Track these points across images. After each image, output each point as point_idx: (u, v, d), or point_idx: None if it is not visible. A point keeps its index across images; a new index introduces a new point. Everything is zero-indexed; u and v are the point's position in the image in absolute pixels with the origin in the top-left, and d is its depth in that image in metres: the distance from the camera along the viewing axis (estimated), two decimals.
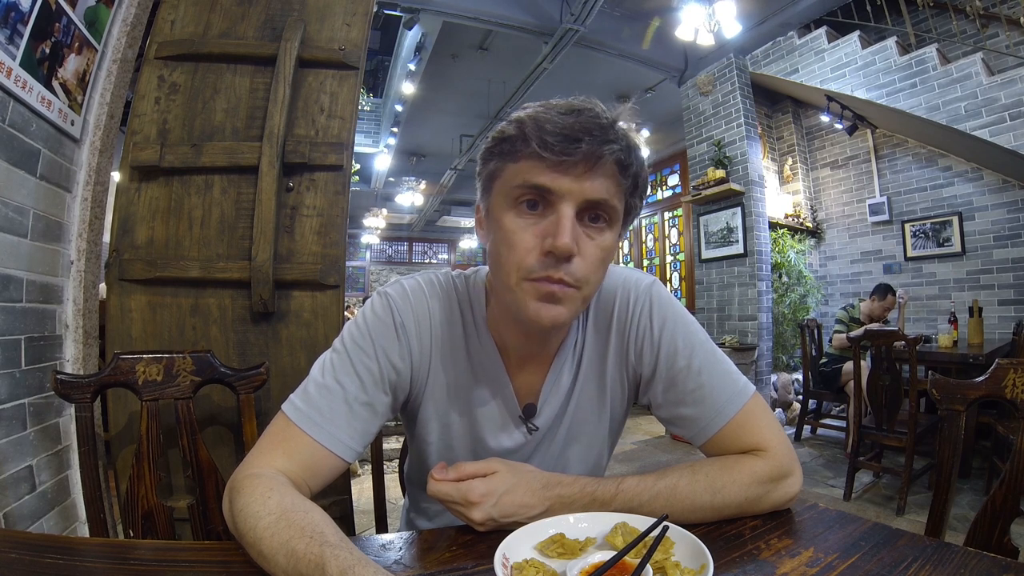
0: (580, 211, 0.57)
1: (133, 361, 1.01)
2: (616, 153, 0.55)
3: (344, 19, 1.45)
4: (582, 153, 0.54)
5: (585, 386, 0.72)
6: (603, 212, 0.58)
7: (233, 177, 1.32)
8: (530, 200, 0.57)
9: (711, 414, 0.67)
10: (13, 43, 1.10)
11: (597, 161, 0.55)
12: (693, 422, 0.68)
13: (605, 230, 0.59)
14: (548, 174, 0.55)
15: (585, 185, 0.55)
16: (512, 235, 0.57)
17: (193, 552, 0.61)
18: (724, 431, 0.67)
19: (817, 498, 2.81)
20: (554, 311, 0.58)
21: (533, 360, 0.70)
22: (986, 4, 3.73)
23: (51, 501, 1.25)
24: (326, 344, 1.29)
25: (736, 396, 0.68)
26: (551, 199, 0.56)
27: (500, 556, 0.50)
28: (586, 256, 0.57)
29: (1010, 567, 0.50)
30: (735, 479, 0.63)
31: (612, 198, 0.57)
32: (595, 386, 0.72)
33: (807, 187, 5.20)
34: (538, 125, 0.54)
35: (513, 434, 0.71)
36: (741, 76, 4.41)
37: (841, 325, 3.76)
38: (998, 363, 0.85)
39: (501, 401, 0.70)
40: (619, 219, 0.60)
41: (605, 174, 0.56)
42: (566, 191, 0.55)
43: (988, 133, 3.23)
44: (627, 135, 0.57)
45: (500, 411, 0.71)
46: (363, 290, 12.77)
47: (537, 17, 4.17)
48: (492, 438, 0.71)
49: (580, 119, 0.54)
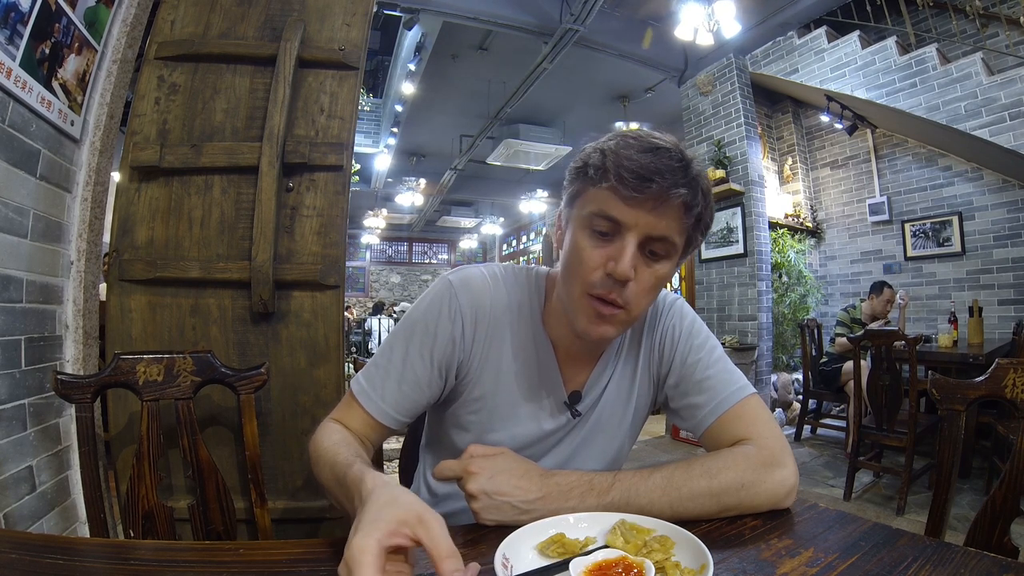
0: (642, 242, 0.63)
1: (133, 361, 1.01)
2: (683, 196, 0.61)
3: (344, 19, 1.45)
4: (652, 192, 0.60)
5: (620, 382, 0.79)
6: (663, 246, 0.64)
7: (233, 177, 1.33)
8: (604, 227, 0.64)
9: (713, 403, 0.73)
10: (13, 43, 1.10)
11: (665, 201, 0.61)
12: (697, 410, 0.74)
13: (662, 260, 0.66)
14: (620, 207, 0.62)
15: (651, 221, 0.62)
16: (583, 252, 0.65)
17: (193, 552, 0.62)
18: (722, 419, 0.72)
19: (817, 498, 2.81)
20: (602, 329, 0.66)
21: (583, 358, 0.77)
22: (986, 4, 3.73)
23: (51, 501, 1.25)
24: (326, 344, 1.31)
25: (737, 391, 0.74)
26: (619, 228, 0.63)
27: (500, 556, 0.50)
28: (640, 282, 0.65)
29: (1010, 567, 0.50)
30: (729, 463, 0.66)
31: (673, 235, 0.64)
32: (627, 383, 0.80)
33: (807, 187, 5.20)
34: (619, 160, 0.61)
35: (557, 418, 0.77)
36: (741, 76, 4.41)
37: (842, 327, 3.76)
38: (998, 363, 0.85)
39: (549, 387, 0.76)
40: (678, 252, 0.67)
41: (670, 213, 0.62)
42: (633, 224, 0.62)
43: (988, 133, 3.22)
44: (698, 178, 0.63)
45: (547, 396, 0.76)
46: (363, 290, 12.78)
47: (537, 17, 4.17)
48: (535, 421, 0.76)
49: (656, 159, 0.61)
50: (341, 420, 0.74)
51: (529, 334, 0.75)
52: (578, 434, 0.78)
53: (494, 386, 0.75)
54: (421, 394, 0.73)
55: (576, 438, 0.79)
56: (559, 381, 0.76)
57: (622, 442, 0.82)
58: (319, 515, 1.26)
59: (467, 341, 0.73)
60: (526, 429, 0.75)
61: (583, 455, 0.79)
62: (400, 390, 0.72)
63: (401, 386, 0.72)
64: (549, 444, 0.77)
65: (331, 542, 0.57)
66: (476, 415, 0.76)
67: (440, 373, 0.73)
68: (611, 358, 0.78)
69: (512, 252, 12.42)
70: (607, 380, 0.78)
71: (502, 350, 0.74)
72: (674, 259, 0.67)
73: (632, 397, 0.80)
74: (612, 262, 0.63)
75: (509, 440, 0.75)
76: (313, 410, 1.28)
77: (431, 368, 0.72)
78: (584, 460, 0.78)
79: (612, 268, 0.62)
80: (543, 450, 0.78)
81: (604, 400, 0.78)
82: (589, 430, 0.79)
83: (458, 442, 0.78)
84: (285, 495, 1.27)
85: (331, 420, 0.74)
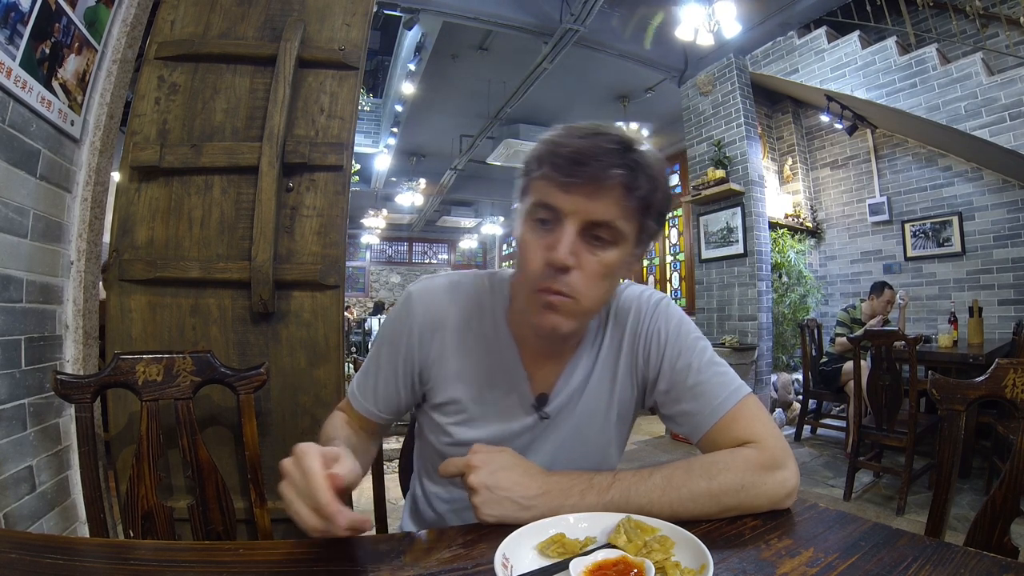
0: (584, 229, 0.62)
1: (133, 361, 1.01)
2: (621, 177, 0.59)
3: (344, 19, 1.45)
4: (587, 175, 0.59)
5: (599, 385, 0.76)
6: (607, 232, 0.62)
7: (233, 177, 1.32)
8: (543, 217, 0.63)
9: (708, 408, 0.71)
10: (13, 43, 1.10)
11: (602, 184, 0.60)
12: (692, 416, 0.72)
13: (609, 247, 0.63)
14: (556, 193, 0.61)
15: (589, 205, 0.60)
16: (526, 247, 0.65)
17: (193, 552, 0.62)
18: (719, 424, 0.70)
19: (817, 498, 2.81)
20: (553, 319, 0.64)
21: (551, 357, 0.75)
22: (986, 4, 3.73)
23: (51, 501, 1.24)
24: (326, 344, 1.31)
25: (732, 394, 0.71)
26: (558, 215, 0.62)
27: (500, 556, 0.50)
28: (586, 270, 0.62)
29: (1010, 567, 0.50)
30: (729, 465, 0.65)
31: (617, 220, 0.62)
32: (607, 387, 0.77)
33: (807, 187, 5.20)
34: (554, 147, 0.61)
35: (523, 420, 0.75)
36: (741, 76, 4.41)
37: (842, 327, 3.76)
38: (998, 363, 0.85)
39: (515, 389, 0.75)
40: (627, 239, 0.64)
41: (609, 197, 0.60)
42: (571, 210, 0.61)
43: (988, 133, 3.22)
44: (641, 160, 0.61)
45: (513, 398, 0.75)
46: (363, 290, 12.78)
47: (537, 17, 4.17)
48: (503, 422, 0.75)
49: (592, 142, 0.60)
50: (344, 409, 0.83)
51: (494, 337, 0.75)
52: (553, 436, 0.76)
53: (461, 390, 0.75)
54: (397, 397, 0.78)
55: (552, 441, 0.76)
56: (525, 383, 0.75)
57: (606, 446, 0.79)
58: None
59: (425, 349, 0.75)
60: (495, 431, 0.75)
61: (563, 458, 0.75)
62: (378, 393, 0.78)
63: (378, 390, 0.78)
64: (520, 445, 0.75)
65: (331, 542, 0.57)
66: (447, 417, 0.77)
67: (407, 380, 0.77)
68: (582, 359, 0.76)
69: (512, 252, 12.42)
70: (581, 382, 0.76)
71: (466, 355, 0.75)
72: (624, 246, 0.64)
73: (613, 401, 0.77)
74: (551, 251, 0.61)
75: (482, 440, 0.73)
76: (313, 410, 1.28)
77: (398, 376, 0.77)
78: (565, 463, 0.74)
79: (549, 256, 0.61)
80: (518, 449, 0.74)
81: (582, 403, 0.76)
82: (567, 434, 0.76)
83: (436, 443, 0.79)
84: None
85: (337, 409, 0.84)
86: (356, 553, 0.58)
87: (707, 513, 0.63)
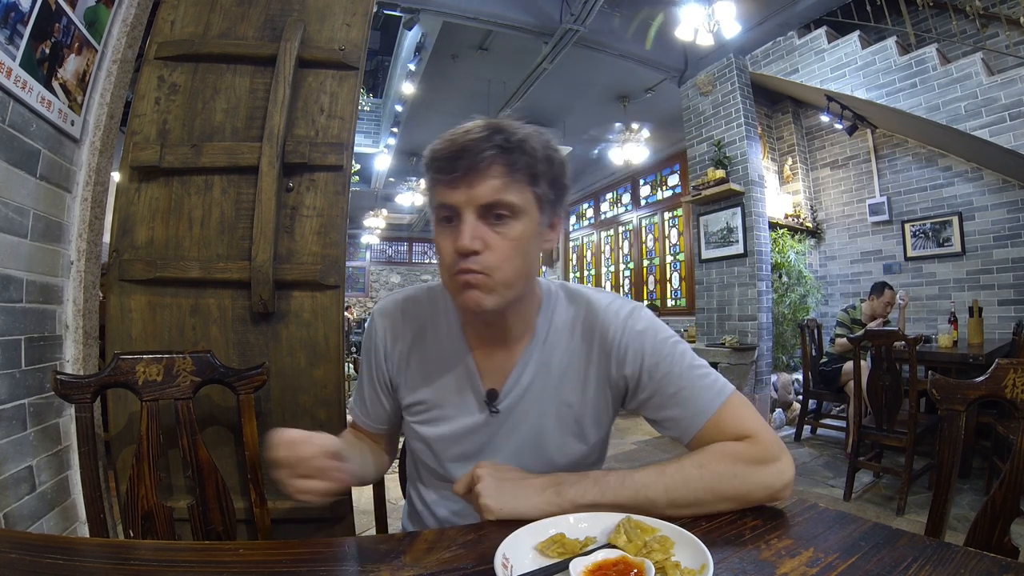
0: (481, 213, 0.67)
1: (133, 361, 1.01)
2: (495, 157, 0.64)
3: (344, 19, 1.44)
4: (465, 167, 0.64)
5: (558, 388, 0.78)
6: (502, 209, 0.67)
7: (233, 177, 1.32)
8: (446, 215, 0.69)
9: (693, 413, 0.72)
10: (13, 43, 1.10)
11: (477, 170, 0.64)
12: (678, 422, 0.73)
13: (510, 222, 0.67)
14: (447, 192, 0.67)
15: (474, 193, 0.65)
16: (439, 245, 0.70)
17: (193, 552, 0.62)
18: (707, 427, 0.72)
19: (817, 498, 2.81)
20: (473, 295, 0.68)
21: (498, 348, 0.79)
22: (986, 4, 3.73)
23: (51, 501, 1.24)
24: (326, 344, 1.31)
25: (716, 395, 0.73)
26: (456, 211, 0.67)
27: (500, 556, 0.50)
28: (495, 248, 0.67)
29: (1010, 567, 0.50)
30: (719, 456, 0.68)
31: (507, 195, 0.66)
32: (575, 391, 0.78)
33: (807, 187, 5.20)
34: (433, 155, 0.68)
35: (475, 415, 0.79)
36: (741, 76, 4.41)
37: (842, 328, 3.76)
38: (998, 363, 0.85)
39: (469, 385, 0.80)
40: (526, 210, 0.68)
41: (491, 178, 0.65)
42: (463, 201, 0.66)
43: (988, 133, 3.22)
44: (514, 138, 0.65)
45: (468, 395, 0.80)
46: (363, 290, 12.77)
47: (537, 17, 4.17)
48: (460, 417, 0.79)
49: (464, 137, 0.65)
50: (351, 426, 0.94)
51: (448, 340, 0.81)
52: (514, 437, 0.78)
53: (423, 391, 0.81)
54: (382, 407, 0.87)
55: (513, 440, 0.78)
56: (477, 379, 0.79)
57: (583, 449, 0.80)
58: (319, 515, 1.26)
59: (391, 360, 0.83)
60: (454, 426, 0.80)
61: (527, 458, 0.76)
62: (367, 407, 0.89)
63: (366, 404, 0.89)
64: (479, 441, 0.79)
65: (331, 542, 0.57)
66: (414, 417, 0.83)
67: (384, 390, 0.86)
68: (533, 358, 0.78)
69: None
70: (531, 381, 0.78)
71: (425, 359, 0.81)
72: (525, 218, 0.68)
73: (585, 407, 0.78)
74: (457, 239, 0.66)
75: (443, 437, 0.80)
76: (313, 410, 1.28)
77: (376, 388, 0.86)
78: (531, 462, 0.75)
79: (458, 245, 0.66)
80: (476, 446, 0.79)
81: (538, 403, 0.78)
82: (527, 435, 0.78)
83: (413, 446, 0.86)
84: (285, 495, 1.27)
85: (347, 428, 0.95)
86: (356, 553, 0.58)
87: (703, 500, 0.65)
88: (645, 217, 7.50)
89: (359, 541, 0.60)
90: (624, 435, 4.40)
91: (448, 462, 0.81)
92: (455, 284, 0.69)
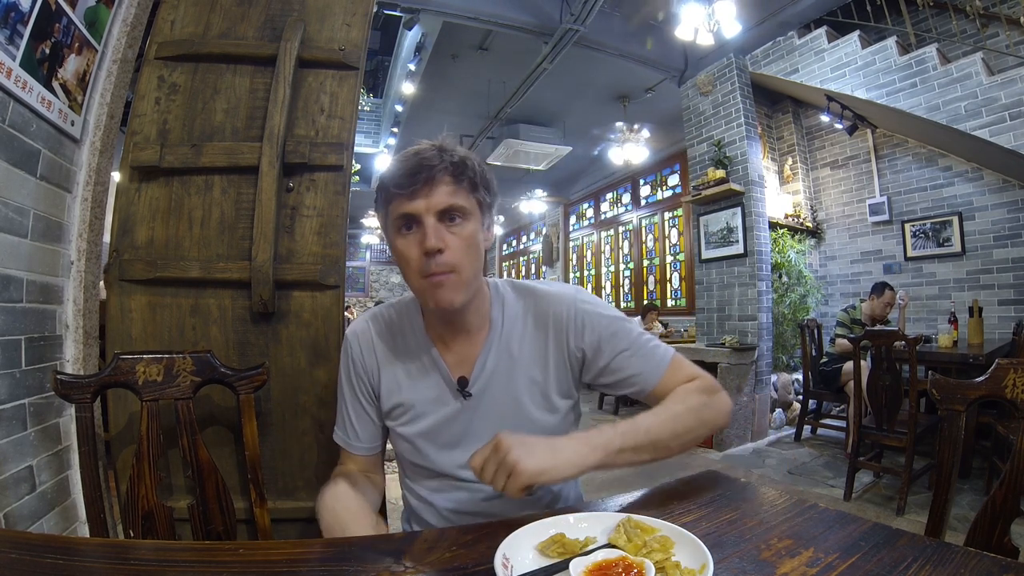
0: (439, 217, 0.78)
1: (133, 361, 1.01)
2: (445, 170, 0.78)
3: (344, 19, 1.44)
4: (422, 180, 0.77)
5: (525, 366, 0.89)
6: (455, 212, 0.79)
7: (233, 177, 1.32)
8: (406, 224, 0.80)
9: (653, 367, 0.87)
10: (13, 43, 1.10)
11: (433, 181, 0.77)
12: (640, 375, 0.87)
13: (463, 223, 0.80)
14: (408, 203, 0.78)
15: (432, 200, 0.78)
16: (404, 251, 0.80)
17: (193, 552, 0.62)
18: (665, 376, 0.87)
19: (817, 498, 2.81)
20: (445, 294, 0.79)
21: (460, 341, 0.89)
22: (986, 4, 3.73)
23: (51, 501, 1.24)
24: (326, 344, 1.31)
25: (665, 353, 0.89)
26: (416, 218, 0.79)
27: (500, 556, 0.50)
28: (453, 247, 0.79)
29: (1010, 567, 0.50)
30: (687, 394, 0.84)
31: (457, 200, 0.79)
32: (537, 366, 0.89)
33: (807, 187, 5.20)
34: (392, 177, 0.79)
35: (451, 404, 0.88)
36: (741, 76, 4.41)
37: (842, 328, 3.76)
38: (998, 363, 0.85)
39: (440, 379, 0.89)
40: (475, 211, 0.82)
41: (444, 186, 0.78)
42: (423, 209, 0.78)
43: (988, 133, 3.22)
44: (455, 156, 0.79)
45: (441, 388, 0.89)
46: (363, 290, 12.78)
47: (537, 17, 4.17)
48: (437, 408, 0.88)
49: (417, 159, 0.78)
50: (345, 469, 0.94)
51: (414, 344, 0.91)
52: (487, 416, 0.87)
53: (400, 394, 0.90)
54: (370, 422, 0.94)
55: (488, 420, 0.87)
56: (447, 371, 0.88)
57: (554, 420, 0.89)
58: None
59: (370, 371, 0.92)
60: (433, 419, 0.88)
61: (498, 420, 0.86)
62: (355, 428, 0.94)
63: (354, 425, 0.94)
64: (458, 429, 0.88)
65: (331, 542, 0.57)
66: (398, 420, 0.90)
67: (369, 403, 0.93)
68: (493, 347, 0.88)
69: (512, 252, 12.41)
70: (495, 366, 0.88)
71: (397, 364, 0.91)
72: (473, 218, 0.81)
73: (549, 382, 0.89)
74: (424, 241, 0.77)
75: (425, 431, 0.88)
76: (313, 410, 1.28)
77: (361, 403, 0.93)
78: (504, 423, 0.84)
79: (424, 246, 0.77)
80: (457, 433, 0.88)
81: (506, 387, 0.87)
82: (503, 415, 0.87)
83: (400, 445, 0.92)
84: (285, 495, 1.27)
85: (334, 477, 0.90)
86: (356, 553, 0.58)
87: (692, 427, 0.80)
88: (645, 217, 7.50)
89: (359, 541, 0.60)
90: None
91: (434, 454, 0.88)
92: (425, 286, 0.79)
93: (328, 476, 0.92)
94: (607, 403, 5.45)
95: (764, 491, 0.82)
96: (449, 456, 0.87)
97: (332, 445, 1.00)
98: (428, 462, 0.88)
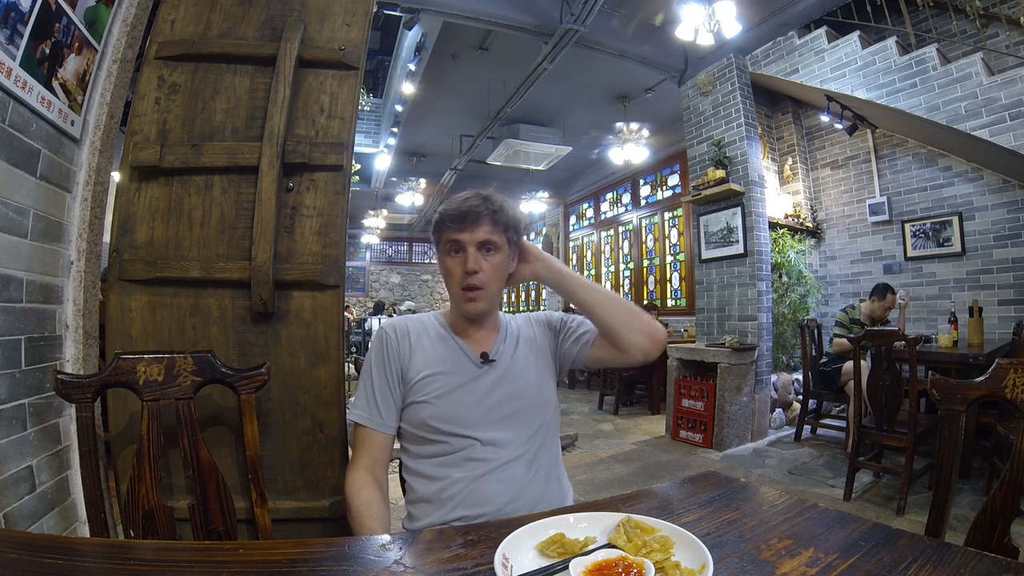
0: (477, 247, 1.06)
1: (134, 361, 1.01)
2: (488, 215, 1.06)
3: (344, 19, 1.44)
4: (470, 220, 1.05)
5: (524, 352, 1.16)
6: (490, 244, 1.07)
7: (233, 177, 1.32)
8: (454, 248, 1.08)
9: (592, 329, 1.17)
10: (13, 43, 1.10)
11: (478, 221, 1.05)
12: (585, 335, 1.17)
13: (495, 253, 1.08)
14: (458, 234, 1.06)
15: (475, 235, 1.06)
16: (451, 268, 1.08)
17: (193, 552, 0.62)
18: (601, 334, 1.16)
19: (817, 498, 2.81)
20: (476, 305, 1.08)
21: (478, 336, 1.14)
22: (986, 4, 3.73)
23: (51, 501, 1.24)
24: (326, 344, 1.31)
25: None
26: (461, 245, 1.06)
27: (500, 556, 0.50)
28: (486, 270, 1.07)
29: (1010, 567, 0.51)
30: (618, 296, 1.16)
31: (493, 236, 1.07)
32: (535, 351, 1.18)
33: (807, 187, 5.20)
34: (448, 213, 1.07)
35: (475, 370, 1.10)
36: (741, 76, 4.41)
37: (841, 328, 3.76)
38: (998, 363, 0.85)
39: (463, 356, 1.11)
40: (504, 245, 1.09)
41: (485, 226, 1.06)
42: (468, 240, 1.06)
43: (988, 133, 3.22)
44: (493, 204, 1.07)
45: (462, 361, 1.10)
46: (363, 290, 12.78)
47: (537, 17, 4.17)
48: (457, 376, 1.08)
49: (466, 204, 1.06)
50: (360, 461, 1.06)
51: (439, 335, 1.14)
52: (504, 378, 1.10)
53: (431, 366, 1.09)
54: (392, 403, 1.08)
55: (506, 383, 1.10)
56: (469, 350, 1.12)
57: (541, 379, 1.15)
58: (319, 515, 1.26)
59: (404, 353, 1.10)
60: (457, 380, 1.08)
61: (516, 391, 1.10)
62: (378, 405, 1.07)
63: (378, 402, 1.07)
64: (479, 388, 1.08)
65: (331, 542, 0.57)
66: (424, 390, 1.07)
67: (394, 383, 1.08)
68: (506, 335, 1.16)
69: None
70: (507, 347, 1.14)
71: (425, 349, 1.11)
72: (502, 251, 1.09)
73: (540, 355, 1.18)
74: (466, 264, 1.05)
75: (449, 394, 1.06)
76: (313, 410, 1.28)
77: (389, 382, 1.08)
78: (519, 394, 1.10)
79: (466, 267, 1.05)
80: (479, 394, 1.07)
81: (515, 359, 1.14)
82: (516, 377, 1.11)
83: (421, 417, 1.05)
84: (285, 495, 1.27)
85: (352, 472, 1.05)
86: (356, 553, 0.58)
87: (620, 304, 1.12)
88: (645, 217, 7.50)
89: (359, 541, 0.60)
90: (624, 435, 4.40)
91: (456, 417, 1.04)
92: (462, 296, 1.07)
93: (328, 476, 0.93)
94: (607, 403, 5.53)
95: (764, 491, 0.82)
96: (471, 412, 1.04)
97: (332, 445, 1.00)
98: (448, 426, 1.03)
